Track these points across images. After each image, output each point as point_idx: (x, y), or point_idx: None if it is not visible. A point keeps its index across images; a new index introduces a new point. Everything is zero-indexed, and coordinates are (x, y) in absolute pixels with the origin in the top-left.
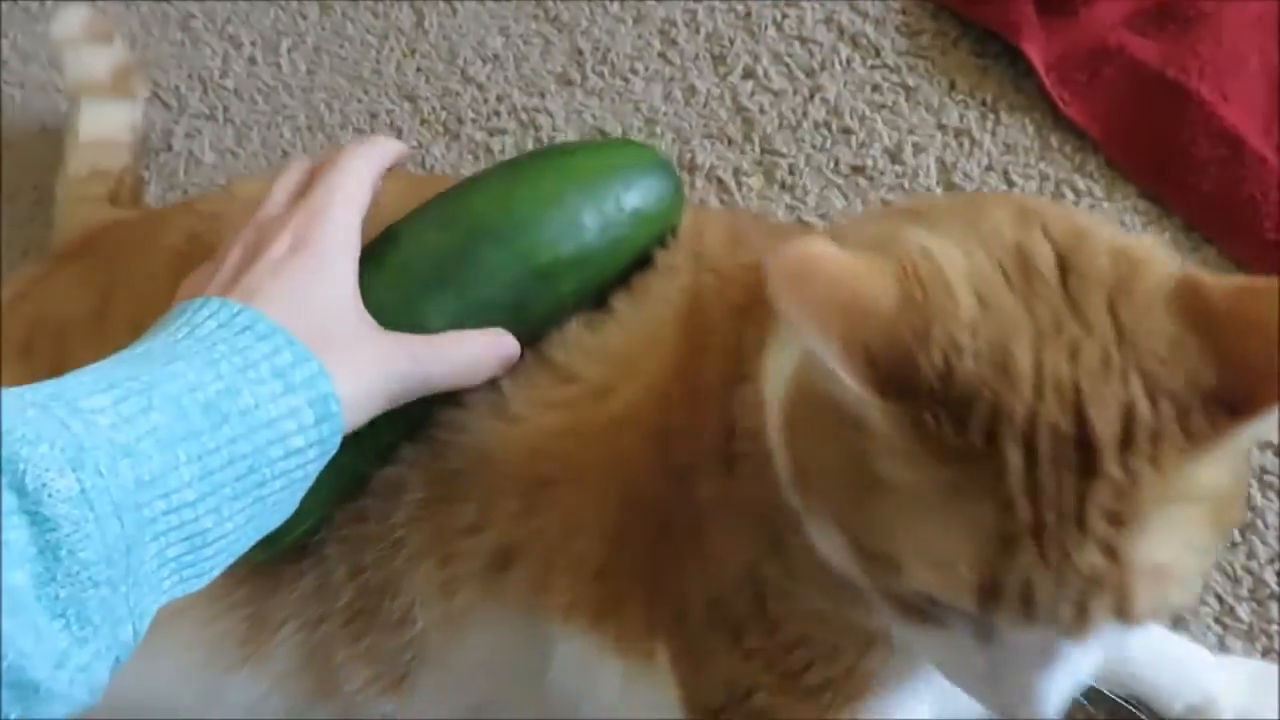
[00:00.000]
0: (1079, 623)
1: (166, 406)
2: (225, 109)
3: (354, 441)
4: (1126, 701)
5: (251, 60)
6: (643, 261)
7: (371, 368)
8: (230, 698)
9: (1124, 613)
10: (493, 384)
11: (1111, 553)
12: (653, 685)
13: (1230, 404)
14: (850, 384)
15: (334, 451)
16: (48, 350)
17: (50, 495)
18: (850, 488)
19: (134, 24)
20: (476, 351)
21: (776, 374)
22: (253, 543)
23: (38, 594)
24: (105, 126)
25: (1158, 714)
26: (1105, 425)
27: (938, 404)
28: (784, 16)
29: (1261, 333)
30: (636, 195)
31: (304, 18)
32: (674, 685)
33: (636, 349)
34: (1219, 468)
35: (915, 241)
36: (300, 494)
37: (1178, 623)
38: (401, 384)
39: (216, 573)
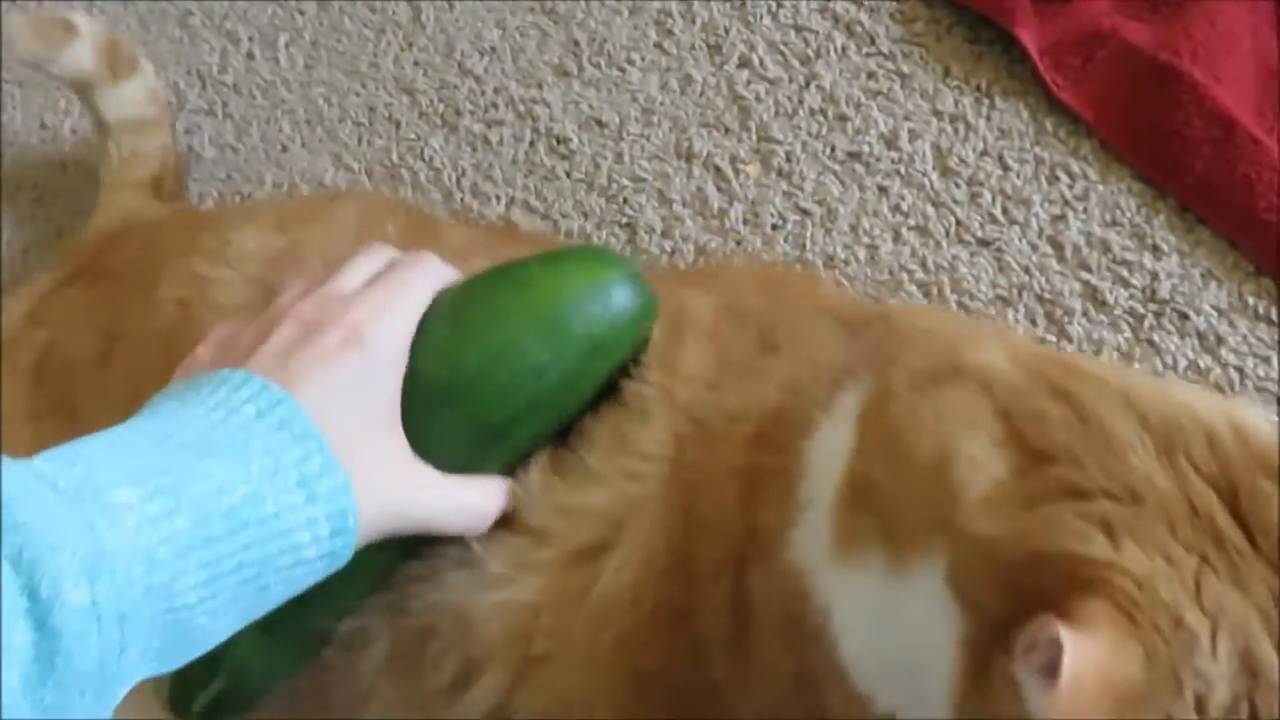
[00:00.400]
0: None
1: (192, 510)
2: (224, 104)
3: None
4: None
5: (250, 56)
6: (611, 386)
7: (392, 492)
8: None
9: None
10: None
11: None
12: None
13: None
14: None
15: (342, 564)
16: (54, 382)
17: (61, 606)
18: None
19: (132, 21)
20: (482, 501)
21: (814, 534)
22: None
23: (25, 695)
24: (129, 107)
25: None
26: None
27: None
28: (779, 5)
29: None
30: (600, 323)
31: (301, 13)
32: None
33: (618, 510)
34: None
35: (1105, 553)
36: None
37: None
38: (413, 515)
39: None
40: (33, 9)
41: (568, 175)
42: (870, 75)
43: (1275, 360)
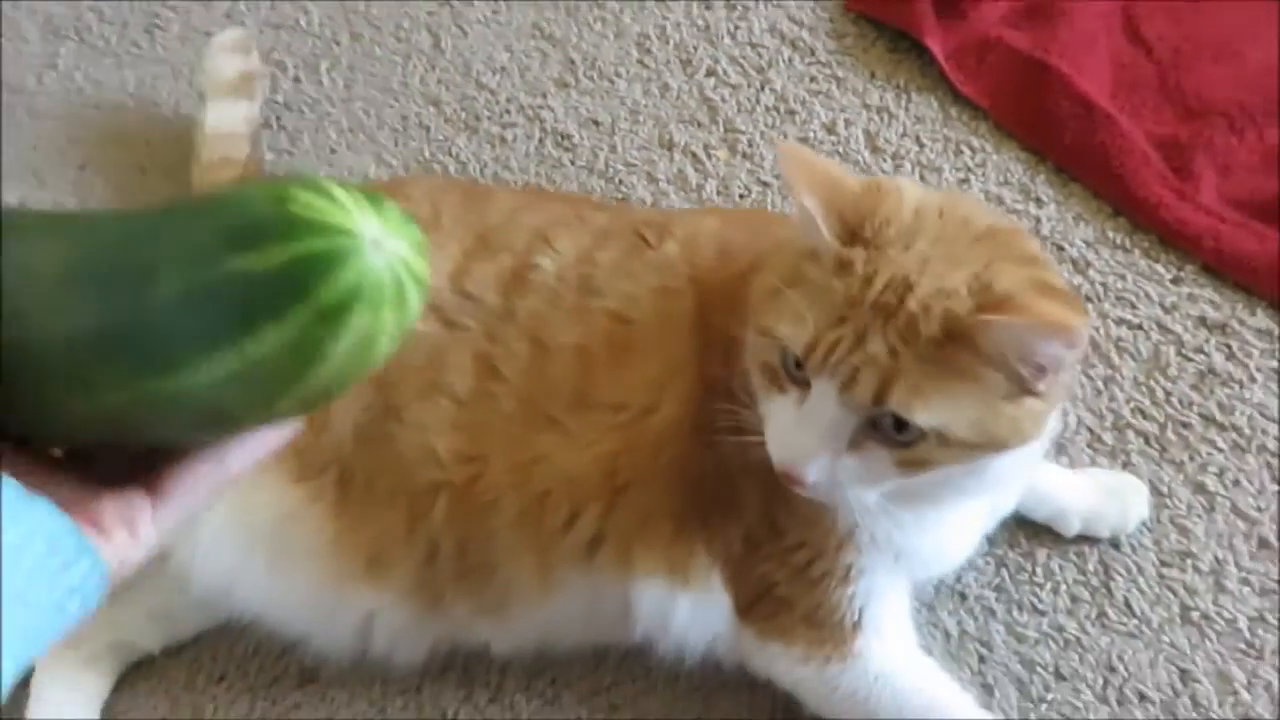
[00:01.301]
0: (849, 384)
1: None
2: (278, 119)
3: None
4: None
5: (296, 79)
6: None
7: None
8: (348, 609)
9: (880, 395)
10: (551, 419)
11: (892, 353)
12: (712, 602)
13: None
14: (821, 229)
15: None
16: None
17: None
18: (775, 290)
19: (190, 55)
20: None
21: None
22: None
23: None
24: (226, 121)
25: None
26: (924, 291)
27: (864, 248)
28: (736, 27)
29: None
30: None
31: (337, 44)
32: (727, 597)
33: (667, 370)
34: (969, 358)
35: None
36: None
37: (1060, 451)
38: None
39: None
40: (107, 50)
41: (572, 164)
42: (812, 79)
43: (1129, 276)
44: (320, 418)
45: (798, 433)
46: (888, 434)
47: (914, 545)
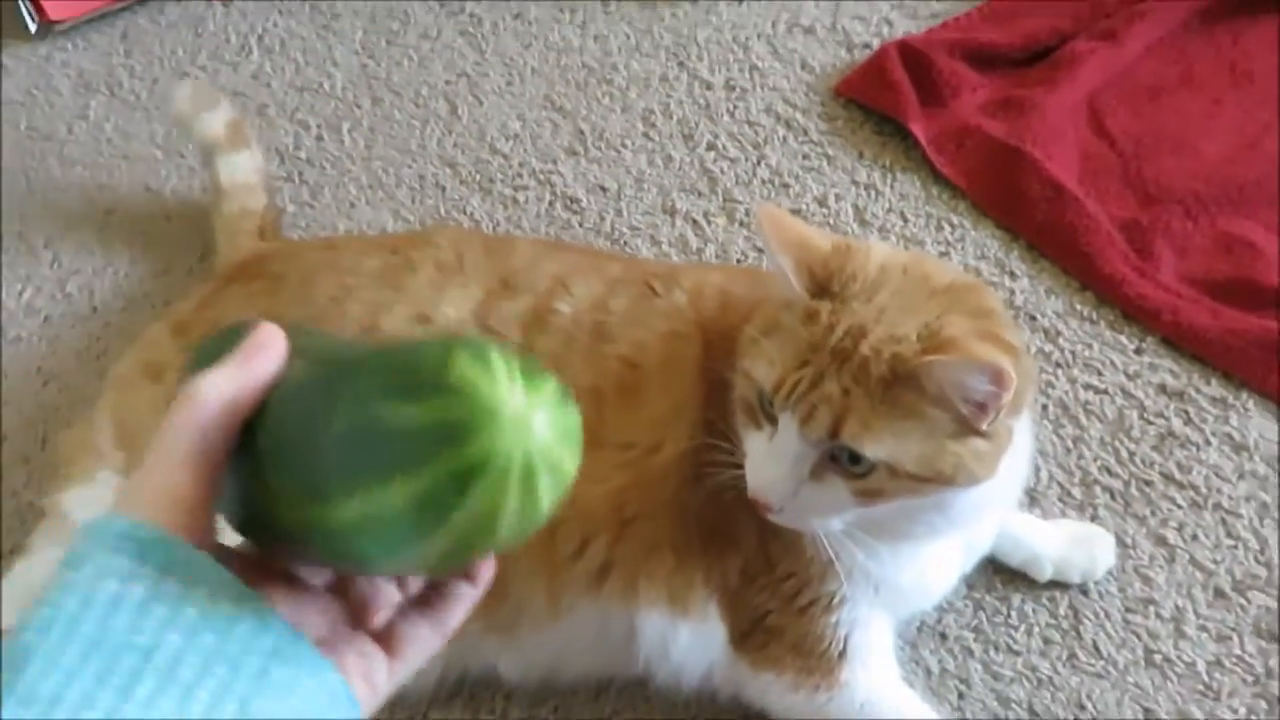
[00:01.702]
0: (807, 419)
1: None
2: (300, 174)
3: None
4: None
5: (319, 138)
6: None
7: None
8: None
9: (834, 429)
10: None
11: (845, 392)
12: (708, 632)
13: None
14: (795, 285)
15: None
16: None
17: None
18: (756, 338)
19: None
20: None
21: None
22: None
23: None
24: (239, 174)
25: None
26: (875, 337)
27: (831, 301)
28: (735, 107)
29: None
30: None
31: (359, 107)
32: (723, 627)
33: (671, 411)
34: (913, 397)
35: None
36: None
37: (1032, 502)
38: None
39: None
40: (137, 105)
41: (580, 225)
42: (805, 156)
43: (1095, 345)
44: None
45: (766, 463)
46: (844, 466)
47: (892, 578)
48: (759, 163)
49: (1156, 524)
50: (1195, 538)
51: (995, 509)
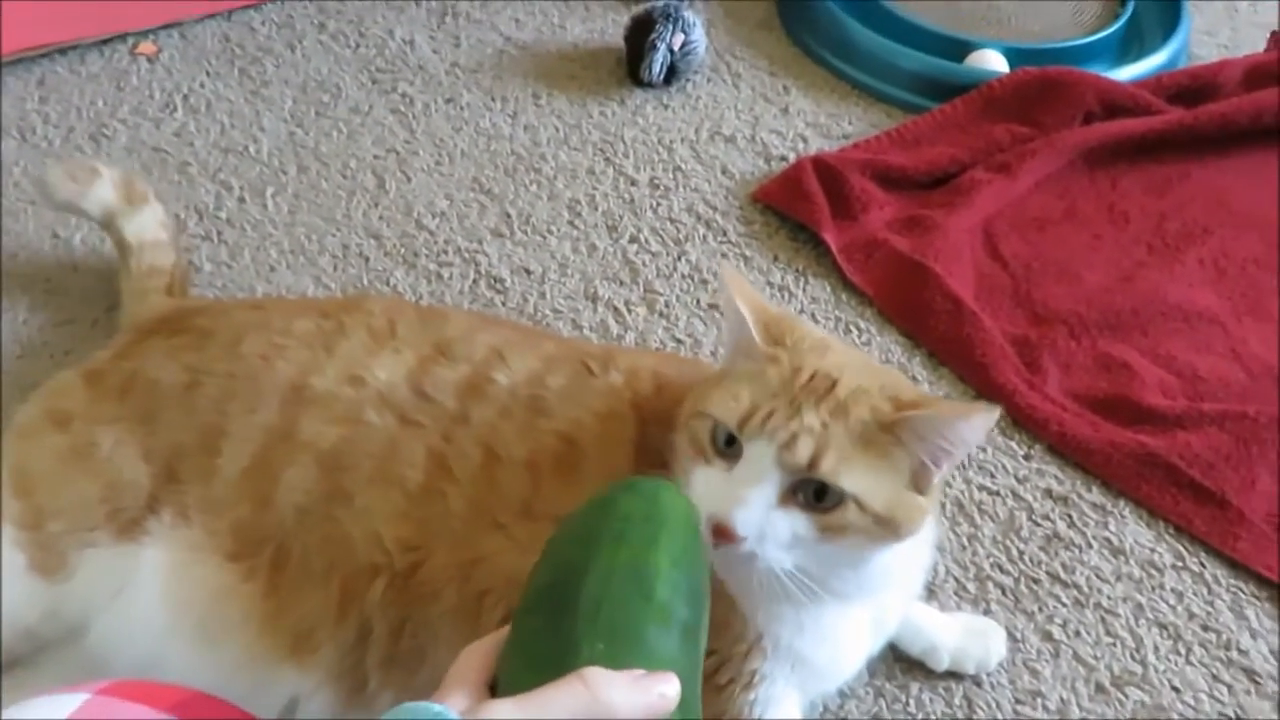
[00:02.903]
0: (788, 446)
1: None
2: (219, 233)
3: None
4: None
5: (241, 200)
6: None
7: None
8: (273, 690)
9: (814, 461)
10: (498, 524)
11: (825, 426)
12: None
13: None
14: (753, 332)
15: None
16: (140, 399)
17: None
18: (707, 386)
19: (134, 166)
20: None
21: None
22: None
23: None
24: (145, 231)
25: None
26: (847, 386)
27: (786, 351)
28: (658, 204)
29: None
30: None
31: (284, 173)
32: None
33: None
34: (892, 444)
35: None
36: None
37: (931, 595)
38: None
39: None
40: (49, 152)
41: (503, 305)
42: (723, 254)
43: (989, 450)
44: (261, 497)
45: (730, 488)
46: (808, 500)
47: (810, 653)
48: (679, 258)
49: (1043, 620)
50: (1078, 634)
51: (902, 586)
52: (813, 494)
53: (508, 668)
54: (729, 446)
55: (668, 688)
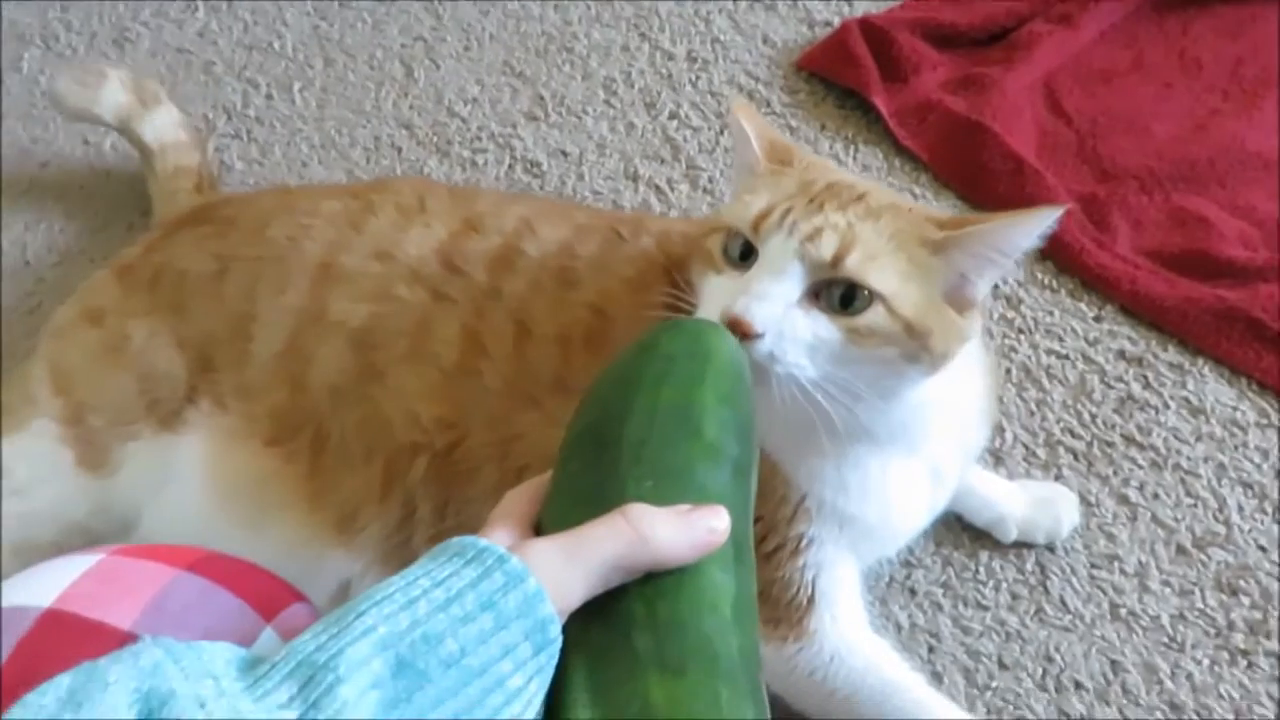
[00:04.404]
0: (812, 238)
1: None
2: (249, 132)
3: None
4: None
5: (269, 97)
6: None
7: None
8: (323, 573)
9: (838, 256)
10: (533, 399)
11: (851, 225)
12: None
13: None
14: (756, 150)
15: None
16: (169, 289)
17: None
18: (716, 214)
19: (160, 69)
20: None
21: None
22: None
23: None
24: (164, 132)
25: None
26: (878, 198)
27: (786, 164)
28: (697, 78)
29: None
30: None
31: (310, 67)
32: None
33: None
34: (938, 261)
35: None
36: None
37: (998, 463)
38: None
39: None
40: (74, 60)
41: (541, 189)
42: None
43: (1056, 313)
44: (296, 380)
45: (748, 284)
46: (832, 305)
47: (857, 511)
48: (722, 132)
49: (1119, 484)
50: (1156, 496)
51: (954, 437)
52: (838, 299)
53: (551, 509)
54: (744, 259)
55: (717, 521)
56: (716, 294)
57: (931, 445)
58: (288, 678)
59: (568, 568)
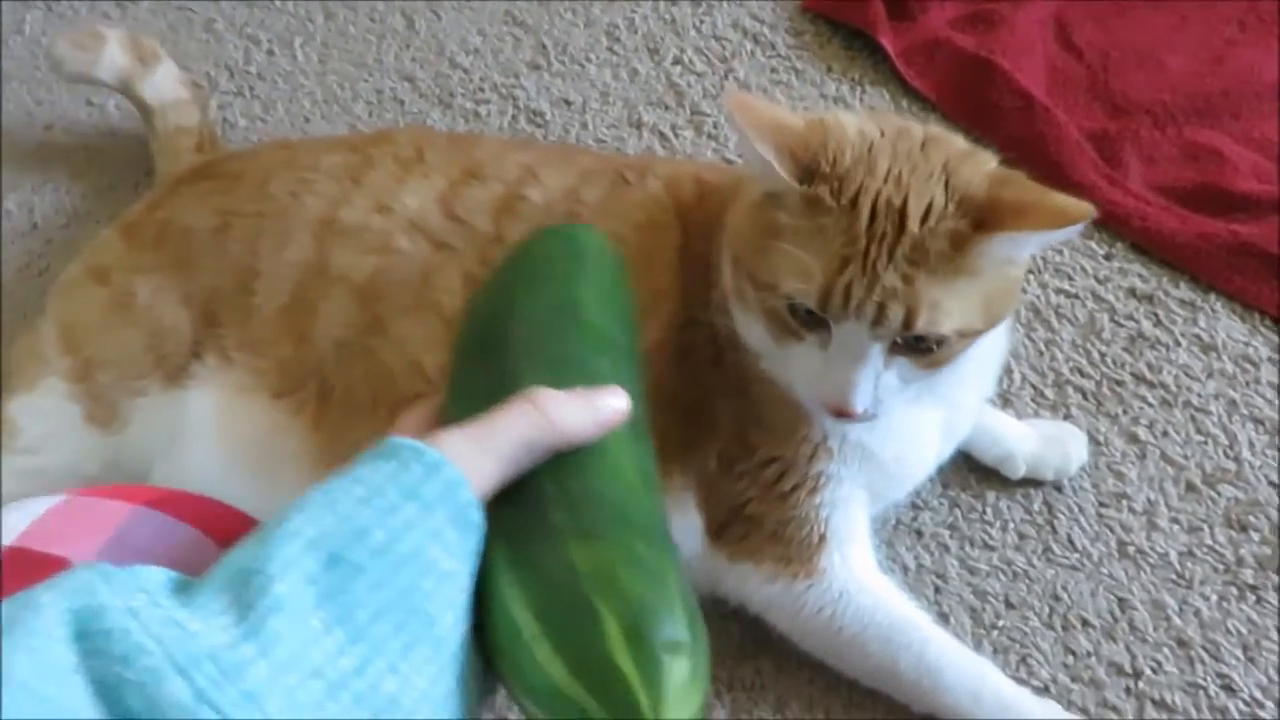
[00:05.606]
0: (879, 321)
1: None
2: (251, 89)
3: None
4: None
5: (270, 53)
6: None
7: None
8: (284, 479)
9: (908, 322)
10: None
11: (907, 280)
12: (686, 525)
13: (979, 223)
14: (779, 172)
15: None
16: (173, 246)
17: None
18: (759, 244)
19: (161, 26)
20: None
21: (725, 259)
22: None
23: None
24: (164, 91)
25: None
26: (916, 211)
27: (825, 182)
28: (701, 21)
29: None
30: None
31: (311, 21)
32: (700, 520)
33: (647, 300)
34: (980, 261)
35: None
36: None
37: (1006, 403)
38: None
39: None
40: (75, 20)
41: (544, 139)
42: (773, 70)
43: (1066, 251)
44: (300, 333)
45: (836, 371)
46: (910, 345)
47: (879, 449)
48: (726, 76)
49: (1128, 422)
50: (1166, 434)
51: (975, 383)
52: (914, 338)
53: (451, 413)
54: (810, 315)
55: (616, 400)
56: (810, 377)
57: (953, 391)
58: (220, 588)
59: (479, 454)
